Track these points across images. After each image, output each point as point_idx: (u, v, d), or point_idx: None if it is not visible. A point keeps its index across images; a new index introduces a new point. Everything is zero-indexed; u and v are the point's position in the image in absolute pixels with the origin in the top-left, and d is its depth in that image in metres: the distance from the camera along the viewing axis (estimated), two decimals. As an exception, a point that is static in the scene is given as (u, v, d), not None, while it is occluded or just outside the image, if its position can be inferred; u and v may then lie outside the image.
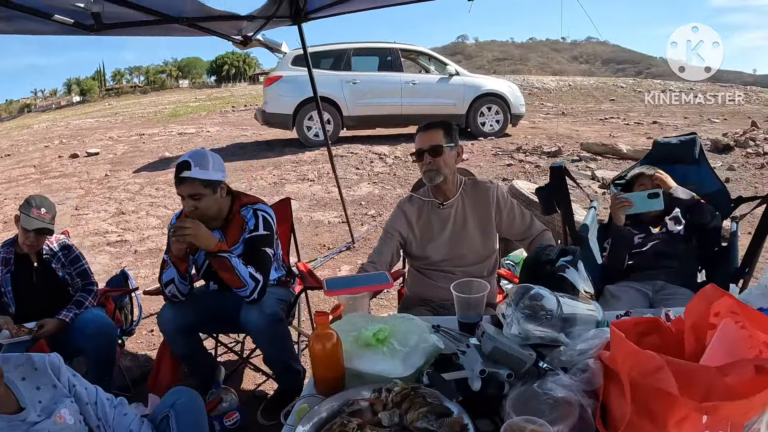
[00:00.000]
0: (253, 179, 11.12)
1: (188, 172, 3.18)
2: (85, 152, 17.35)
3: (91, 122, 29.77)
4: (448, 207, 3.31)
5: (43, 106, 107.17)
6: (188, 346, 3.62)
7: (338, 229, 7.88)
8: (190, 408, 2.39)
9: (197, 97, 43.11)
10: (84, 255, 4.14)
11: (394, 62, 13.37)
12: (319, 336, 1.90)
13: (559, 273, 2.07)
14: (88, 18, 4.08)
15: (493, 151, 11.45)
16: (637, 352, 1.33)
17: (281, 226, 4.20)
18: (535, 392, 1.52)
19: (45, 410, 2.12)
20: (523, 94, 14.87)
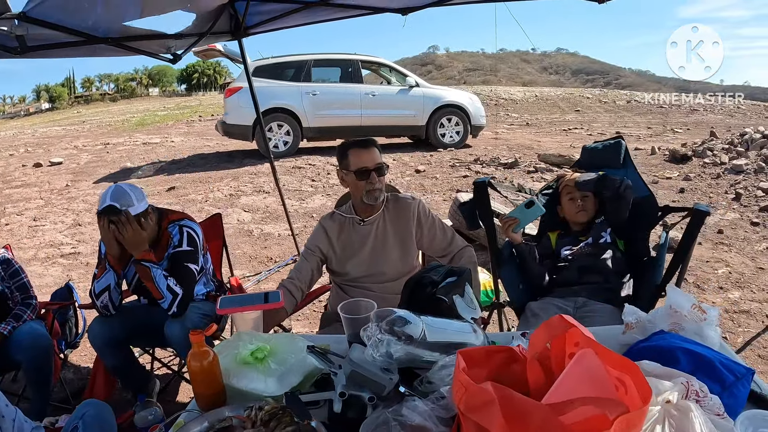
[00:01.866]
0: (209, 191, 11.05)
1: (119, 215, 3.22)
2: (49, 161, 17.17)
3: (59, 130, 29.52)
4: (369, 224, 3.31)
5: (11, 113, 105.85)
6: (118, 359, 3.63)
7: (287, 241, 7.84)
8: (98, 420, 2.38)
9: (166, 106, 42.91)
10: (31, 267, 4.13)
11: (355, 74, 13.42)
12: (195, 354, 1.93)
13: (438, 296, 2.06)
14: (12, 41, 4.05)
15: (450, 162, 11.51)
16: (469, 385, 1.29)
17: (213, 242, 4.26)
18: (387, 418, 1.51)
19: None
20: (490, 104, 15.02)
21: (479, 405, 1.24)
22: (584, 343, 1.40)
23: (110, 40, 4.54)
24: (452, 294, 2.07)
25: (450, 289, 2.09)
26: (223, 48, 11.78)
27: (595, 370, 1.33)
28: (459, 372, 1.35)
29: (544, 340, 1.47)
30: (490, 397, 1.22)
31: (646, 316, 2.06)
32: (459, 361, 1.39)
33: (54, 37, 4.22)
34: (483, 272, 4.67)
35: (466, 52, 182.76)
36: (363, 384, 1.63)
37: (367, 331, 1.73)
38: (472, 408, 1.26)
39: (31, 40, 4.07)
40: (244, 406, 1.78)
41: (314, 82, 13.22)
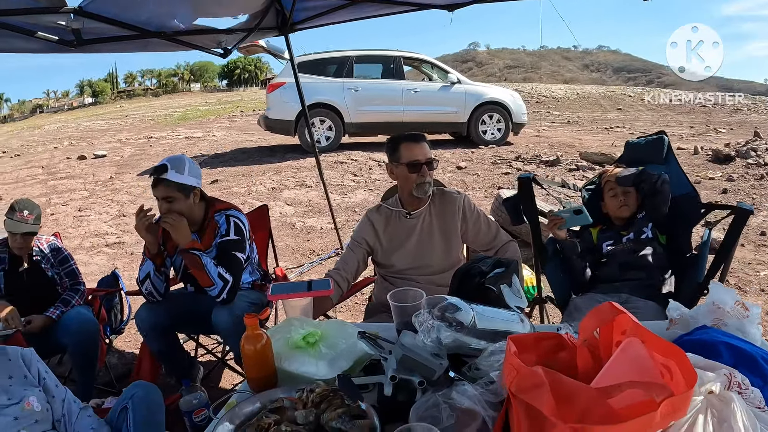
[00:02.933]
0: (252, 184, 11.18)
1: (165, 174, 3.32)
2: (93, 154, 17.50)
3: (102, 124, 29.95)
4: (415, 217, 3.36)
5: (55, 107, 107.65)
6: (164, 344, 3.72)
7: (330, 235, 7.92)
8: (146, 399, 2.46)
9: (207, 101, 43.24)
10: (77, 256, 4.26)
11: (396, 70, 13.45)
12: (249, 337, 2.00)
13: (487, 285, 2.10)
14: (68, 34, 4.14)
15: (492, 159, 11.48)
16: (520, 367, 1.32)
17: (259, 233, 4.32)
18: (437, 401, 1.55)
19: (15, 396, 2.23)
20: (531, 102, 14.88)
21: (530, 387, 1.28)
22: (631, 330, 1.43)
23: (163, 35, 4.63)
24: (500, 284, 2.11)
25: (498, 280, 2.12)
26: (265, 44, 11.85)
27: (641, 357, 1.36)
28: (510, 356, 1.39)
29: (594, 326, 1.50)
30: (541, 380, 1.25)
31: (689, 312, 2.07)
32: (510, 345, 1.43)
33: (108, 31, 4.31)
34: (525, 268, 4.67)
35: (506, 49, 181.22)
36: (413, 368, 1.67)
37: (419, 317, 1.77)
38: (523, 389, 1.30)
39: (87, 33, 4.17)
40: (296, 389, 1.85)
41: (356, 78, 13.26)
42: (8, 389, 2.24)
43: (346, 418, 1.66)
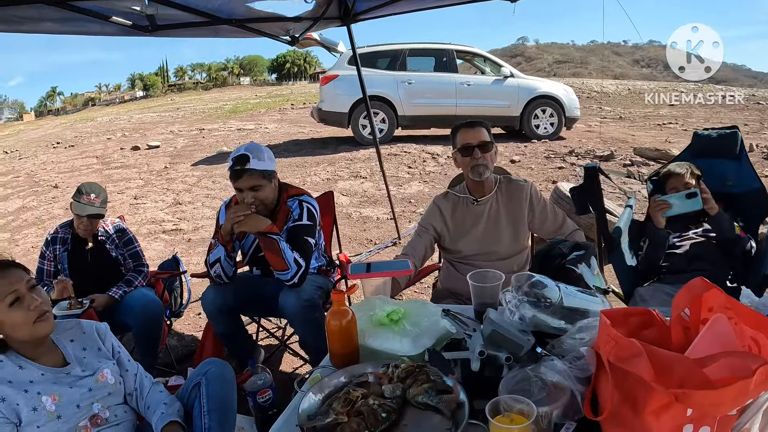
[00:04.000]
0: (307, 175, 11.28)
1: (248, 164, 3.36)
2: (146, 145, 17.82)
3: (153, 116, 30.41)
4: (482, 203, 3.39)
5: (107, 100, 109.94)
6: (228, 326, 3.78)
7: (386, 225, 7.97)
8: (219, 376, 2.51)
9: (257, 95, 43.54)
10: (138, 240, 4.35)
11: (449, 63, 13.38)
12: (335, 312, 2.04)
13: (568, 266, 2.12)
14: (143, 20, 4.24)
15: (545, 153, 11.38)
16: (618, 338, 1.36)
17: (324, 218, 4.33)
18: (528, 375, 1.58)
19: (89, 368, 2.31)
20: (582, 97, 14.71)
21: (629, 356, 1.31)
22: (719, 306, 1.48)
23: (234, 22, 4.70)
24: (580, 265, 2.13)
25: (578, 261, 2.14)
26: (319, 37, 11.92)
27: (727, 333, 1.43)
28: (607, 327, 1.42)
29: (686, 301, 1.54)
30: (639, 350, 1.29)
31: (760, 300, 2.06)
32: (603, 319, 1.46)
33: (181, 17, 4.41)
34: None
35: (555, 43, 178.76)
36: (501, 344, 1.69)
37: (507, 293, 1.79)
38: (622, 358, 1.33)
39: (160, 19, 4.28)
40: (382, 364, 1.89)
41: (409, 71, 13.24)
42: (83, 361, 2.32)
43: (432, 393, 1.70)
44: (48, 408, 2.12)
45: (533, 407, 1.42)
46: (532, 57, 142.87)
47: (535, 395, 1.51)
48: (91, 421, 2.23)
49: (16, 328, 2.13)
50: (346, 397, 1.75)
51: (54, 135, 28.10)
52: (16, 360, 2.17)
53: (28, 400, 2.10)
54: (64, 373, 2.24)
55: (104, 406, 2.29)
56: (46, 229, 8.43)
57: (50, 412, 2.12)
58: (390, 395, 1.74)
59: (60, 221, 4.22)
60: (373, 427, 1.65)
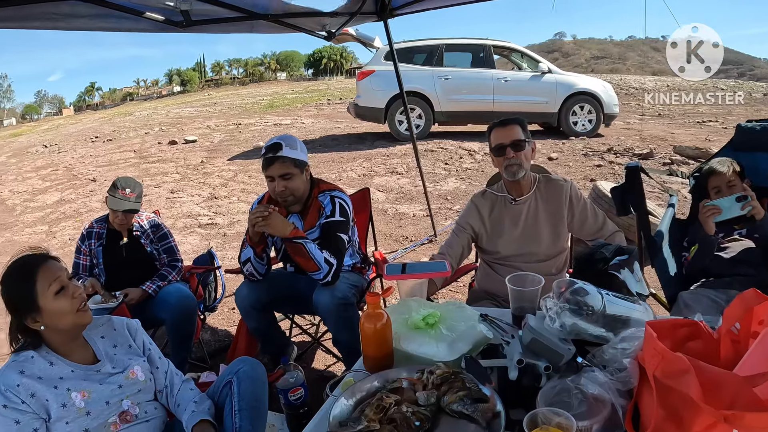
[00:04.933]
0: (343, 170, 11.28)
1: (280, 151, 3.36)
2: (183, 139, 18.00)
3: (191, 111, 30.73)
4: (520, 203, 3.32)
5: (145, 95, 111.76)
6: (261, 322, 3.78)
7: (422, 222, 7.91)
8: (251, 375, 2.50)
9: (294, 90, 43.81)
10: (174, 234, 4.37)
11: (486, 59, 13.27)
12: (370, 315, 2.00)
13: (611, 272, 2.06)
14: (177, 15, 4.24)
15: (583, 150, 11.21)
16: (665, 352, 1.30)
17: (360, 215, 4.34)
18: (567, 386, 1.53)
19: (119, 365, 2.31)
20: (620, 93, 14.48)
21: (676, 372, 1.25)
22: None
23: (269, 17, 4.69)
24: (623, 270, 2.06)
25: (621, 266, 2.08)
26: (355, 32, 11.92)
27: None
28: (653, 340, 1.36)
29: (738, 314, 1.47)
30: (687, 366, 1.23)
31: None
32: (649, 331, 1.40)
33: (216, 12, 4.41)
34: None
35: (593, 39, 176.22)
36: (540, 353, 1.64)
37: (547, 300, 1.74)
38: (669, 374, 1.27)
39: (195, 15, 4.28)
40: (416, 369, 1.85)
41: (446, 66, 13.17)
42: (113, 358, 2.32)
43: (467, 401, 1.66)
44: (77, 404, 2.13)
45: (572, 422, 1.37)
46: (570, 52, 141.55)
47: (575, 408, 1.46)
48: (120, 418, 2.24)
49: (60, 317, 2.15)
50: (378, 403, 1.71)
51: (92, 129, 28.51)
52: (46, 356, 2.18)
53: (58, 396, 2.10)
54: (94, 370, 2.25)
55: (134, 403, 2.29)
56: (83, 222, 8.53)
57: (79, 409, 2.13)
58: (424, 402, 1.70)
59: (97, 214, 4.25)
60: None
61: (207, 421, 2.34)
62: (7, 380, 2.07)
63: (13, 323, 2.18)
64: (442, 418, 1.69)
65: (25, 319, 2.14)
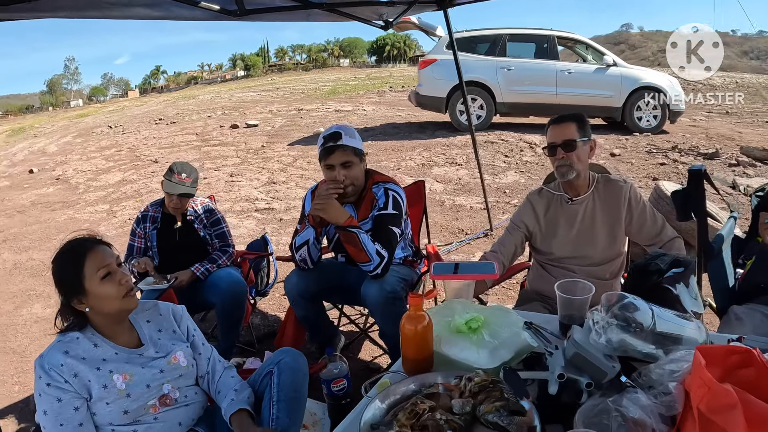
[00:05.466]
0: (402, 159, 11.27)
1: (341, 140, 3.37)
2: (245, 123, 18.25)
3: (253, 96, 31.11)
4: (577, 203, 3.23)
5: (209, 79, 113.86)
6: (309, 310, 3.80)
7: (479, 215, 7.83)
8: (292, 366, 2.51)
9: (356, 77, 43.87)
10: (227, 219, 4.47)
11: (550, 50, 13.01)
12: (411, 317, 1.97)
13: (665, 285, 1.97)
14: (231, 4, 4.27)
15: (647, 147, 10.91)
16: (712, 384, 1.22)
17: (414, 208, 4.33)
18: (608, 407, 1.46)
19: (162, 349, 2.38)
20: (686, 89, 14.09)
21: (722, 407, 1.18)
22: None
23: (325, 6, 4.68)
24: (678, 285, 1.98)
25: (676, 279, 1.99)
26: (417, 20, 11.86)
27: None
28: (700, 369, 1.28)
29: None
30: (734, 400, 1.16)
31: None
32: (698, 357, 1.32)
33: (271, 1, 4.42)
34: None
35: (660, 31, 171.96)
36: (583, 368, 1.59)
37: (594, 314, 1.67)
38: (714, 409, 1.21)
39: (249, 3, 4.31)
40: (454, 375, 1.82)
41: (509, 56, 12.99)
42: (157, 342, 2.39)
43: (504, 413, 1.62)
44: (118, 386, 2.19)
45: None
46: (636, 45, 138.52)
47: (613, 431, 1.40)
48: (160, 401, 2.29)
49: (105, 302, 2.20)
50: (412, 408, 1.69)
51: (156, 112, 29.13)
52: (91, 338, 2.24)
53: (99, 378, 2.17)
54: (137, 353, 2.31)
55: (174, 387, 2.34)
56: (143, 203, 8.68)
57: (120, 390, 2.19)
58: (459, 411, 1.67)
59: (158, 195, 4.34)
60: None
61: (245, 411, 2.36)
62: (51, 360, 2.14)
63: (62, 303, 2.25)
64: (477, 427, 1.66)
65: (71, 300, 2.20)
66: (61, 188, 13.01)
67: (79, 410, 2.14)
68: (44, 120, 42.47)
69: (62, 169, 15.32)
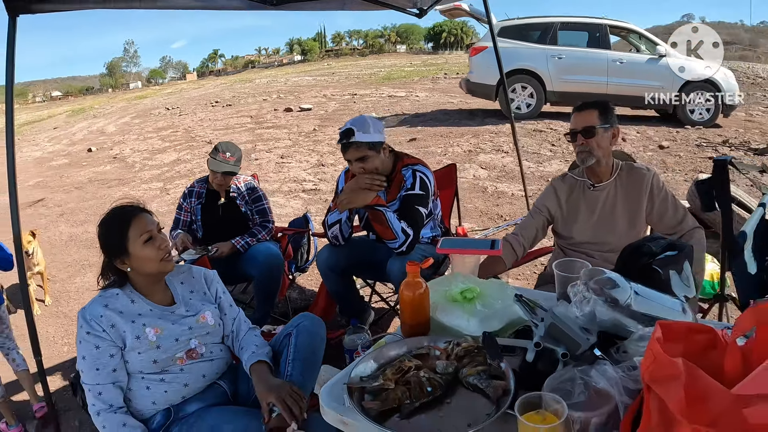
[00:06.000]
0: (449, 145, 11.34)
1: (353, 137, 3.50)
2: (299, 107, 18.46)
3: (309, 80, 31.33)
4: (599, 190, 3.26)
5: (266, 63, 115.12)
6: (340, 285, 4.01)
7: (519, 202, 7.84)
8: (310, 330, 2.66)
9: (412, 63, 43.75)
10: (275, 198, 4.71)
11: (602, 39, 12.79)
12: (409, 283, 2.09)
13: (654, 267, 2.01)
14: (268, -8, 4.37)
15: (697, 141, 10.72)
16: (659, 355, 1.23)
17: (445, 190, 4.46)
18: (573, 375, 1.53)
19: (192, 309, 2.59)
20: (746, 82, 13.75)
21: (663, 377, 1.19)
22: None
23: (360, -6, 4.74)
24: (669, 268, 2.01)
25: (668, 263, 2.02)
26: (468, 7, 11.84)
27: None
28: (653, 341, 1.30)
29: (750, 324, 1.36)
30: (677, 372, 1.15)
31: None
32: (656, 330, 1.33)
33: (306, -10, 4.49)
34: (712, 261, 4.34)
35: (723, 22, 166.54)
36: (559, 339, 1.65)
37: (574, 287, 1.74)
38: (655, 379, 1.22)
39: (286, -9, 4.36)
40: (445, 339, 1.95)
41: (560, 45, 12.86)
42: (188, 302, 2.61)
43: (484, 376, 1.73)
44: (150, 338, 2.39)
45: (564, 409, 1.38)
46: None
47: (574, 398, 1.47)
48: (187, 354, 2.48)
49: (145, 263, 2.43)
50: (399, 365, 1.83)
51: (213, 94, 29.58)
52: (130, 294, 2.47)
53: (134, 329, 2.38)
54: (169, 311, 2.52)
55: (201, 343, 2.54)
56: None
57: (151, 342, 2.39)
58: (441, 371, 1.80)
59: (211, 176, 4.52)
60: (415, 398, 1.70)
61: (264, 363, 2.53)
62: (93, 311, 2.38)
63: (105, 263, 2.49)
64: (458, 388, 1.78)
65: (115, 260, 2.43)
66: (118, 166, 13.43)
67: (114, 357, 2.35)
68: (103, 101, 43.51)
69: (119, 148, 15.79)
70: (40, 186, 12.54)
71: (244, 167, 4.55)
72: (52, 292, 6.17)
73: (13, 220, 3.29)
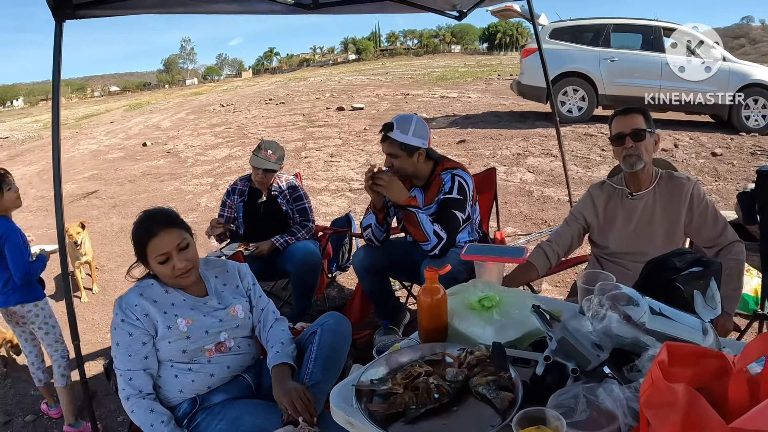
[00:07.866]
0: (498, 148, 11.26)
1: (390, 132, 3.57)
2: (351, 106, 18.60)
3: (362, 79, 31.53)
4: (637, 198, 3.18)
5: (321, 62, 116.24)
6: (375, 285, 4.07)
7: (565, 207, 7.72)
8: (334, 329, 2.72)
9: (466, 63, 43.71)
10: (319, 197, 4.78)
11: (656, 41, 12.46)
12: (427, 289, 2.10)
13: (677, 284, 1.96)
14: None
15: (751, 149, 10.34)
16: (658, 380, 1.19)
17: (484, 195, 4.47)
18: (578, 392, 1.49)
19: (224, 302, 2.70)
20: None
21: (660, 403, 1.17)
22: None
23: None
24: (693, 286, 1.95)
25: (692, 280, 1.96)
26: (520, 8, 11.73)
27: None
28: (655, 364, 1.25)
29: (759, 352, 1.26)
30: (674, 399, 1.12)
31: None
32: (662, 352, 1.30)
33: (345, -6, 4.53)
34: (756, 276, 4.23)
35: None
36: (570, 354, 1.62)
37: (589, 301, 1.70)
38: (651, 404, 1.20)
39: (323, -3, 4.42)
40: (459, 347, 1.94)
41: (613, 47, 12.65)
42: (221, 295, 2.72)
43: (493, 386, 1.72)
44: (181, 328, 2.50)
45: (563, 426, 1.37)
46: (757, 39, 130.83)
47: (576, 416, 1.44)
48: (215, 347, 2.58)
49: (162, 276, 2.59)
50: (409, 369, 1.84)
51: (267, 92, 29.98)
52: (164, 285, 2.60)
53: (166, 319, 2.50)
54: (202, 302, 2.63)
55: (230, 336, 2.64)
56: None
57: (182, 332, 2.50)
58: (451, 378, 1.79)
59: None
60: (422, 404, 1.71)
61: (287, 365, 2.58)
62: (128, 300, 2.51)
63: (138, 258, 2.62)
64: (468, 397, 1.78)
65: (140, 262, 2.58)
66: (171, 161, 13.70)
67: (146, 345, 2.48)
68: (160, 97, 44.43)
69: (173, 143, 16.09)
70: (95, 178, 12.84)
71: (293, 165, 4.64)
72: (100, 281, 6.44)
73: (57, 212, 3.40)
